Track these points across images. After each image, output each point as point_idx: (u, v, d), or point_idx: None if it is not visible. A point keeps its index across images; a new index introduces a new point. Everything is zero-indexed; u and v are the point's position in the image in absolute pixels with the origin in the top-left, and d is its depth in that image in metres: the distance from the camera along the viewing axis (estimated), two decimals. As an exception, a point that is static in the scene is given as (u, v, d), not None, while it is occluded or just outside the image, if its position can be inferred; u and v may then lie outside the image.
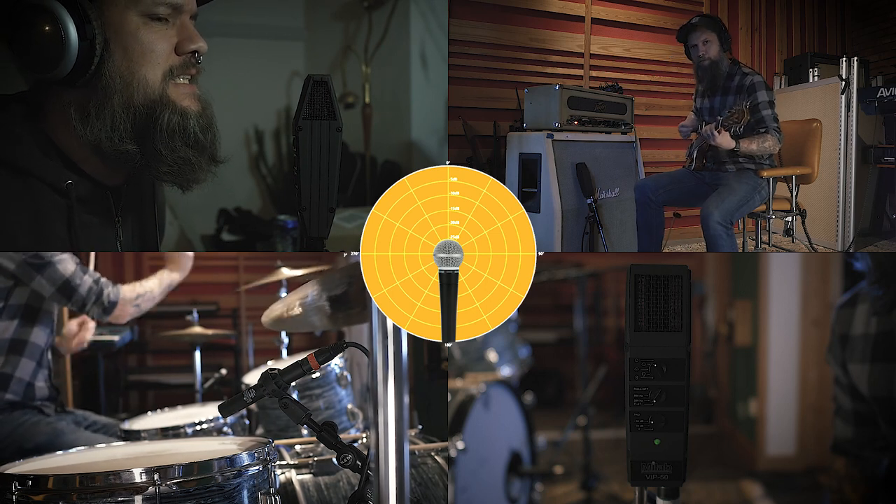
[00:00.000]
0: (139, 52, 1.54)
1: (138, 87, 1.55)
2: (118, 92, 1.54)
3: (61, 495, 1.38)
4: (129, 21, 1.54)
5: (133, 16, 1.54)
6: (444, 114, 3.52)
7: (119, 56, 1.53)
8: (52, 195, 1.59)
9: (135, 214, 1.78)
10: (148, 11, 1.55)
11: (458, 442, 2.57)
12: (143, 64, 1.55)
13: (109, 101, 1.54)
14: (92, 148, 1.58)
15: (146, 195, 1.82)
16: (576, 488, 3.39)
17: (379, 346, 1.05)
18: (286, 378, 1.49)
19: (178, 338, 3.26)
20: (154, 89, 1.56)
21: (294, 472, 1.92)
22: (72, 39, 1.48)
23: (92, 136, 1.55)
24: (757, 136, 2.86)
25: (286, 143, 3.61)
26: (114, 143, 1.55)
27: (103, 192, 1.67)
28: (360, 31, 3.60)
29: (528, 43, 3.80)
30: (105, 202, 1.68)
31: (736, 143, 2.81)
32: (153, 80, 1.56)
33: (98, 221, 1.67)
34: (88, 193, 1.64)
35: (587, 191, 3.05)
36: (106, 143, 1.56)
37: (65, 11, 1.48)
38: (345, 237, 3.02)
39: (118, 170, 1.65)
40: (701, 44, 2.96)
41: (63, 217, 1.60)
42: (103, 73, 1.53)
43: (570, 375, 5.10)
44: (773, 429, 3.91)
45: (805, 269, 3.92)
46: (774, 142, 2.87)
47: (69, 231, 1.60)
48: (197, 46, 1.59)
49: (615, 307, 5.43)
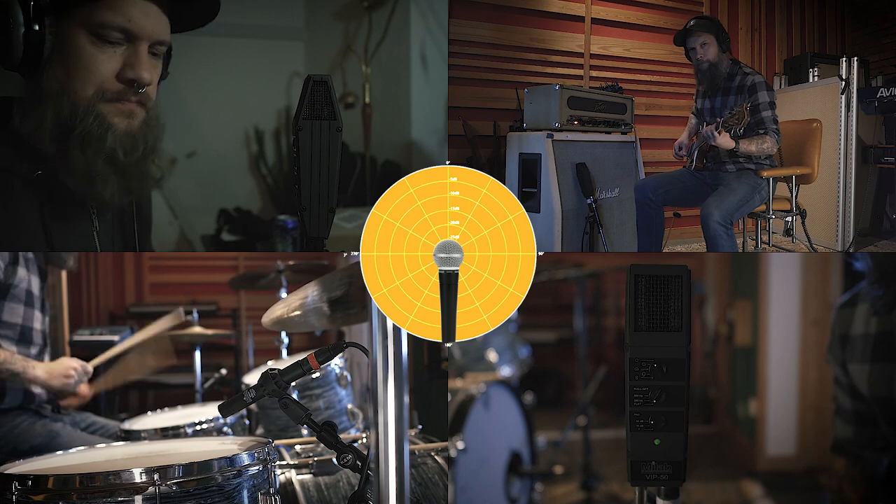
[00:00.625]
0: (76, 66, 1.58)
1: (68, 100, 1.57)
2: (50, 98, 1.57)
3: (61, 495, 1.38)
4: (77, 35, 1.57)
5: (83, 32, 1.57)
6: (444, 114, 3.52)
7: (59, 66, 1.57)
8: (22, 186, 1.61)
9: (112, 207, 1.76)
10: (96, 32, 1.57)
11: (458, 442, 2.57)
12: (77, 78, 1.58)
13: (42, 102, 1.57)
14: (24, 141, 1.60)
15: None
16: (576, 488, 3.39)
17: (379, 346, 1.05)
18: (286, 378, 1.49)
19: (178, 338, 3.26)
20: (81, 103, 1.58)
21: (294, 472, 1.92)
22: (19, 35, 1.53)
23: (23, 129, 1.59)
24: (756, 138, 2.86)
25: (286, 143, 3.61)
26: (36, 140, 1.58)
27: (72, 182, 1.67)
28: (360, 31, 3.60)
29: (528, 43, 3.80)
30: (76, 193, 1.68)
31: (736, 143, 2.81)
32: (83, 95, 1.58)
33: (72, 213, 1.68)
34: (57, 184, 1.64)
35: (587, 191, 3.05)
36: (33, 140, 1.59)
37: (18, 9, 1.53)
38: (345, 237, 3.01)
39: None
40: (699, 47, 2.96)
41: (34, 209, 1.62)
42: (45, 75, 1.57)
43: (570, 375, 5.10)
44: (773, 429, 3.91)
45: (805, 269, 3.92)
46: (773, 143, 2.87)
47: (41, 222, 1.62)
48: (136, 76, 1.60)
49: (615, 307, 5.43)
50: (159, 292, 4.60)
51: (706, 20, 3.05)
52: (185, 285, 4.64)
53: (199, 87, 3.17)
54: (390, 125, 3.60)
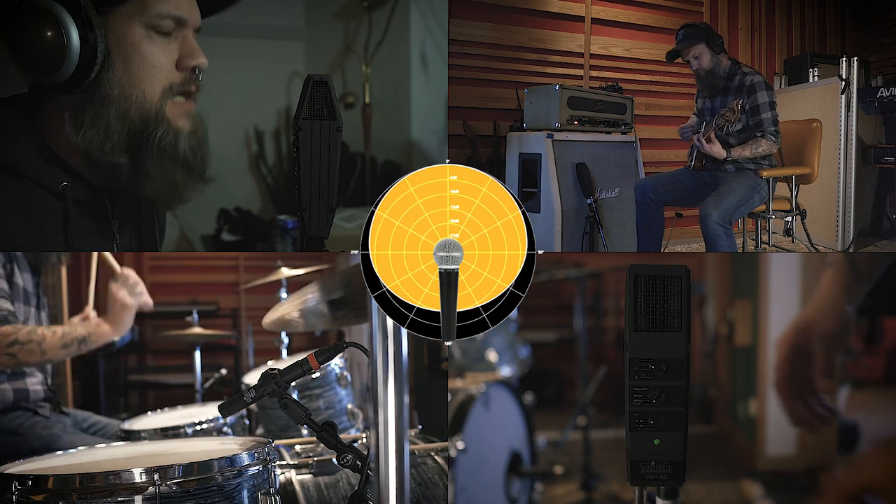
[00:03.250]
0: (141, 66, 1.54)
1: (136, 101, 1.54)
2: (115, 103, 1.53)
3: (61, 495, 1.38)
4: (132, 32, 1.53)
5: (137, 27, 1.53)
6: (444, 114, 3.52)
7: (120, 67, 1.53)
8: (48, 197, 1.58)
9: (131, 218, 1.77)
10: (152, 24, 1.54)
11: (458, 442, 2.57)
12: (144, 79, 1.54)
13: (105, 110, 1.53)
14: (83, 155, 1.57)
15: (143, 199, 1.81)
16: (576, 488, 3.39)
17: (379, 346, 1.05)
18: (286, 378, 1.49)
19: (178, 338, 3.26)
20: (152, 105, 1.55)
21: (294, 472, 1.92)
22: (74, 45, 1.48)
23: (83, 144, 1.54)
24: (751, 142, 2.86)
25: (286, 143, 3.61)
26: (104, 153, 1.55)
27: (99, 195, 1.66)
28: (360, 31, 3.60)
29: (528, 43, 3.80)
30: (101, 205, 1.67)
31: (728, 151, 2.82)
32: (152, 96, 1.55)
33: (94, 224, 1.66)
34: (84, 196, 1.63)
35: (587, 191, 3.05)
36: (97, 153, 1.55)
37: (68, 17, 1.47)
38: (345, 237, 3.01)
39: (110, 178, 1.64)
40: (692, 59, 2.98)
41: (59, 219, 1.59)
42: (102, 81, 1.52)
43: (570, 375, 5.10)
44: (773, 429, 3.90)
45: (805, 269, 3.92)
46: (770, 145, 2.87)
47: (65, 233, 1.59)
48: (198, 62, 1.58)
49: (615, 307, 5.43)
50: (159, 292, 4.58)
51: (691, 29, 2.99)
52: (185, 285, 4.64)
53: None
54: (390, 125, 3.60)
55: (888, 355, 2.63)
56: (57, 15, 1.47)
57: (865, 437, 1.96)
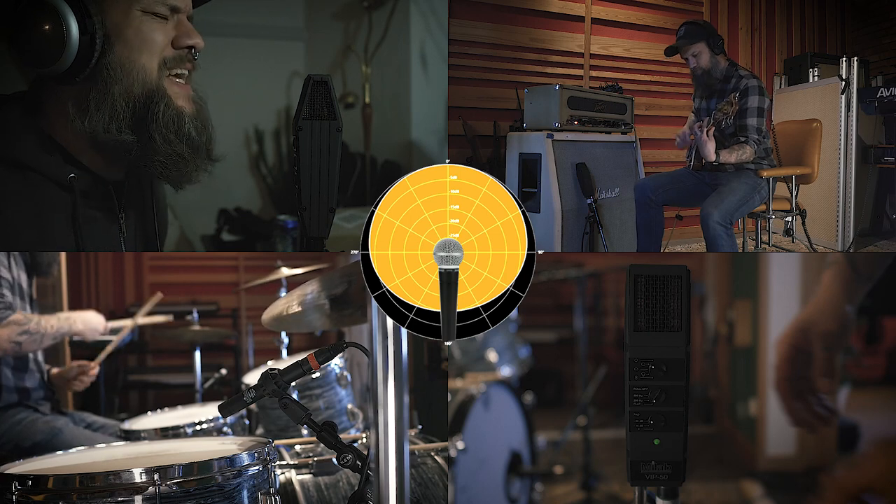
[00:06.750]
0: (138, 41, 1.58)
1: (137, 76, 1.58)
2: (118, 81, 1.57)
3: (61, 495, 1.38)
4: (130, 16, 1.57)
5: (134, 12, 1.57)
6: (444, 114, 3.52)
7: (119, 47, 1.57)
8: (55, 190, 1.61)
9: (137, 210, 1.79)
10: (149, 9, 1.58)
11: (458, 442, 2.57)
12: (142, 52, 1.58)
13: (110, 90, 1.57)
14: (90, 141, 1.60)
15: (147, 191, 1.84)
16: (576, 488, 3.39)
17: (379, 346, 1.05)
18: (286, 378, 1.49)
19: (178, 338, 3.26)
20: (152, 79, 1.59)
21: (294, 472, 1.92)
22: (73, 35, 1.51)
23: (90, 128, 1.57)
24: (736, 148, 2.87)
25: (286, 143, 3.61)
26: (111, 132, 1.58)
27: (105, 186, 1.68)
28: (360, 31, 3.60)
29: (528, 43, 3.80)
30: (107, 197, 1.69)
31: (717, 155, 2.83)
32: (150, 68, 1.59)
33: (101, 216, 1.69)
34: (90, 188, 1.65)
35: (587, 191, 3.05)
36: (103, 134, 1.58)
37: (67, 8, 1.51)
38: (345, 237, 3.02)
39: (117, 163, 1.67)
40: (690, 57, 2.97)
41: (66, 212, 1.62)
42: (103, 65, 1.56)
43: (570, 375, 5.10)
44: (773, 429, 3.90)
45: (805, 269, 3.92)
46: (751, 152, 2.88)
47: (73, 226, 1.62)
48: (193, 42, 1.63)
49: (615, 307, 5.43)
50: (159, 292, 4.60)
51: (693, 27, 3.00)
52: (186, 285, 4.64)
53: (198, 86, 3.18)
54: (390, 125, 3.60)
55: (888, 355, 2.63)
56: (56, 6, 1.51)
57: (865, 437, 1.97)
